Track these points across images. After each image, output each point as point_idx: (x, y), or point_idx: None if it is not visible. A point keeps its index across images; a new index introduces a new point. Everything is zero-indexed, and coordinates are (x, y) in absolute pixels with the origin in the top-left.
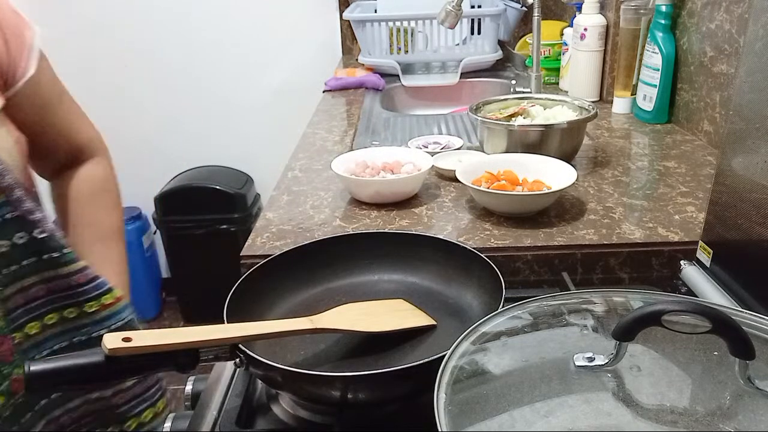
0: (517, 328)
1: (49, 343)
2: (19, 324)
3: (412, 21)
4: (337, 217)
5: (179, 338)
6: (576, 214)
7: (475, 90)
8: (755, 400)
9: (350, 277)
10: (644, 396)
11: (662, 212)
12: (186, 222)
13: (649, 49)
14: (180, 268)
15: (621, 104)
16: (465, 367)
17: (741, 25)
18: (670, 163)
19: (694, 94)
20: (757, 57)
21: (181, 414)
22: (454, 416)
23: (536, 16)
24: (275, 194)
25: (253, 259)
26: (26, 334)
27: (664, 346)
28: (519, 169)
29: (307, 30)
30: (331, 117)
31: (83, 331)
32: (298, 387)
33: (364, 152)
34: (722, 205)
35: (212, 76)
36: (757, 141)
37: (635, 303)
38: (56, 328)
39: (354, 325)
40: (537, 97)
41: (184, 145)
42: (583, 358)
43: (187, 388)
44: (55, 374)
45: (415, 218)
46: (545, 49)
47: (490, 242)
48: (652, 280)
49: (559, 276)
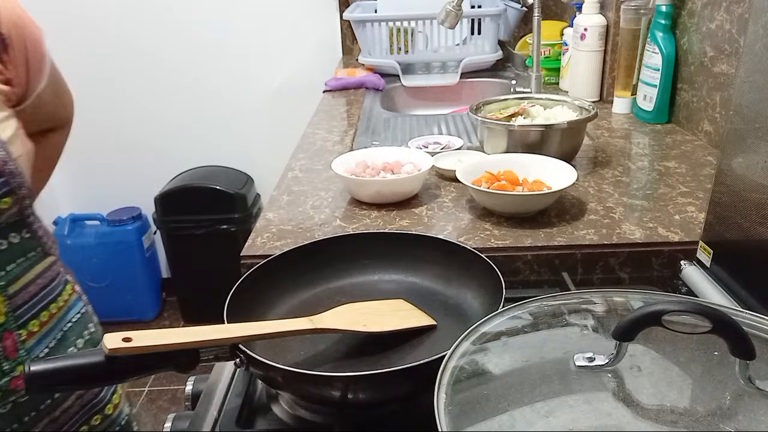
0: (517, 328)
1: (45, 340)
2: (23, 321)
3: (412, 21)
4: (337, 217)
5: (179, 338)
6: (576, 214)
7: (475, 90)
8: (755, 400)
9: (350, 277)
10: (644, 396)
11: (662, 212)
12: (186, 222)
13: (650, 49)
14: (180, 268)
15: (621, 104)
16: (465, 367)
17: (741, 25)
18: (670, 163)
19: (695, 94)
20: (757, 57)
21: (181, 414)
22: (455, 416)
23: (536, 16)
24: (275, 194)
25: (253, 259)
26: (30, 331)
27: (665, 346)
28: (519, 169)
29: (307, 30)
30: (332, 117)
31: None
32: (298, 387)
33: (364, 152)
34: (722, 205)
35: (212, 77)
36: (757, 141)
37: (635, 303)
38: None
39: (354, 325)
40: (537, 97)
41: (184, 145)
42: (584, 358)
43: (187, 388)
44: (56, 374)
45: (415, 218)
46: (545, 49)
47: (490, 242)
48: (652, 280)
49: (559, 276)
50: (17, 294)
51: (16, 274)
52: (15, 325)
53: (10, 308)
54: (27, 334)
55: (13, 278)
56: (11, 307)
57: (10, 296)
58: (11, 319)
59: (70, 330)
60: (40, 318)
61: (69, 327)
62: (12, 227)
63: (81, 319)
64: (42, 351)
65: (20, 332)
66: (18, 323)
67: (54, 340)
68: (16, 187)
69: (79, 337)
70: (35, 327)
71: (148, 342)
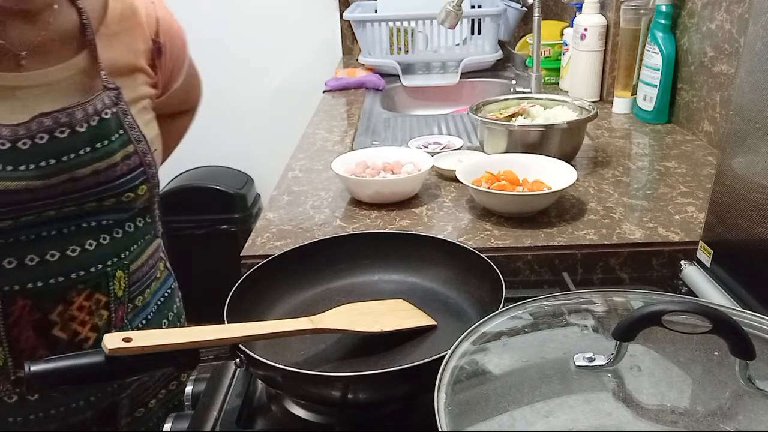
0: (517, 328)
1: (143, 313)
2: (133, 296)
3: (413, 21)
4: (338, 217)
5: (179, 338)
6: (576, 214)
7: (475, 90)
8: (755, 400)
9: (350, 277)
10: (644, 396)
11: (662, 212)
12: (186, 222)
13: (650, 49)
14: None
15: (621, 104)
16: (465, 367)
17: (741, 25)
18: (670, 163)
19: (695, 94)
20: (757, 57)
21: (181, 414)
22: (455, 416)
23: (536, 16)
24: (275, 194)
25: (253, 259)
26: (135, 305)
27: (665, 346)
28: (519, 169)
29: (307, 30)
30: (332, 117)
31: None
32: (298, 387)
33: (364, 152)
34: (722, 205)
35: (212, 77)
36: (758, 141)
37: (635, 303)
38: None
39: (354, 325)
40: (537, 97)
41: (184, 145)
42: (584, 358)
43: (187, 388)
44: (56, 374)
45: (415, 218)
46: (545, 49)
47: (491, 242)
48: (652, 280)
49: (559, 276)
50: (135, 272)
51: (137, 254)
52: (128, 299)
53: (128, 284)
54: (132, 308)
55: (134, 257)
56: (129, 283)
57: (130, 273)
58: (126, 294)
59: (162, 304)
60: (144, 294)
61: (161, 301)
62: (142, 212)
63: (171, 293)
64: (140, 323)
65: (129, 305)
66: (130, 297)
67: (150, 313)
68: (151, 176)
69: (170, 311)
70: (140, 302)
71: (148, 342)
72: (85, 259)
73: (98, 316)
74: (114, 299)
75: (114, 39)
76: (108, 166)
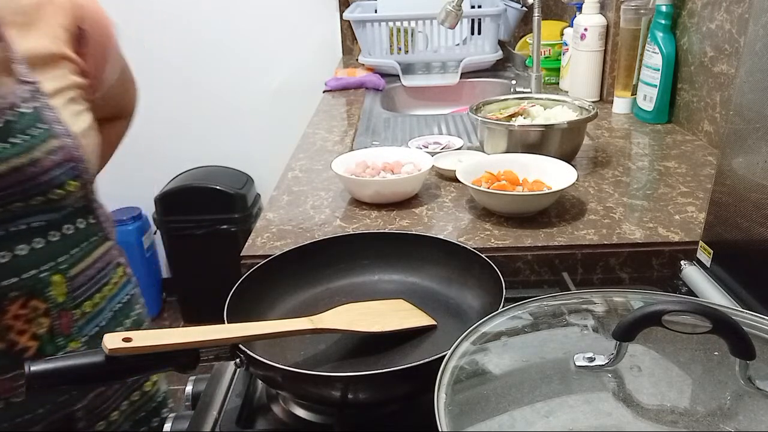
0: (517, 328)
1: (96, 320)
2: (79, 302)
3: (412, 21)
4: (338, 217)
5: (179, 338)
6: (576, 214)
7: (475, 90)
8: (755, 400)
9: (350, 277)
10: (644, 396)
11: (662, 212)
12: (186, 222)
13: (650, 49)
14: (180, 268)
15: (621, 104)
16: (465, 367)
17: (741, 25)
18: (670, 163)
19: (695, 94)
20: (757, 57)
21: (181, 414)
22: (455, 416)
23: (536, 16)
24: (275, 194)
25: (253, 259)
26: (84, 312)
27: (665, 346)
28: (519, 169)
29: (307, 30)
30: (332, 117)
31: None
32: (298, 387)
33: (364, 152)
34: (722, 205)
35: (212, 77)
36: (758, 141)
37: (635, 303)
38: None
39: (354, 325)
40: (537, 97)
41: (184, 145)
42: (584, 358)
43: (187, 388)
44: (56, 374)
45: (415, 218)
46: (545, 49)
47: (491, 242)
48: (652, 280)
49: (559, 276)
50: (77, 276)
51: (79, 258)
52: (72, 305)
53: (70, 289)
54: (80, 314)
55: (75, 261)
56: (70, 288)
57: (71, 278)
58: (69, 300)
59: (119, 311)
60: (94, 300)
61: (118, 308)
62: (79, 212)
63: (129, 300)
64: (93, 330)
65: (75, 312)
66: (74, 303)
67: (104, 320)
68: (83, 171)
69: (126, 318)
70: (88, 308)
71: (148, 342)
72: (17, 264)
73: (37, 325)
74: (54, 306)
75: (31, 28)
76: (29, 162)
